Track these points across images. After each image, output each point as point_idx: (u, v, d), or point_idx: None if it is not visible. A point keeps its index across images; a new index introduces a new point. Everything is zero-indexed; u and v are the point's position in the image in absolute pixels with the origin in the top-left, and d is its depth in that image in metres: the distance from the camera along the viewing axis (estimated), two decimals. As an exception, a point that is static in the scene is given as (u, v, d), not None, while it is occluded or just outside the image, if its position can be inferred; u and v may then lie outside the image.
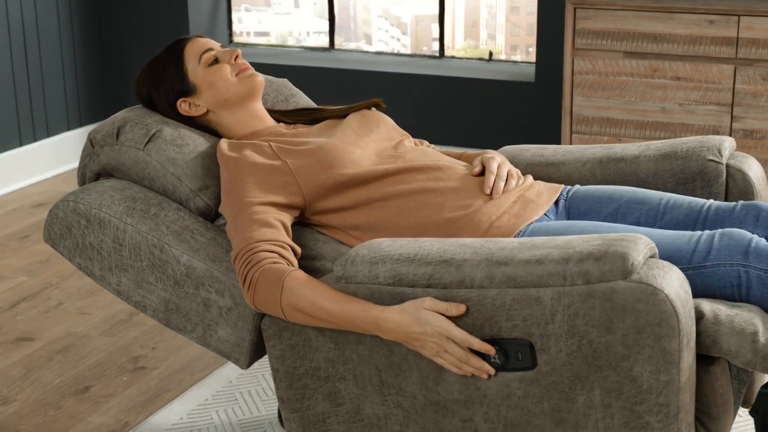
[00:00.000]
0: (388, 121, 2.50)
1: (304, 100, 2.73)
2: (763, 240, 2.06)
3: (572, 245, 1.94)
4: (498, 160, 2.37)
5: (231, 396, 2.99)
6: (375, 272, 2.03)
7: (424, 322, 1.97)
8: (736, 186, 2.44)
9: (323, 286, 2.06)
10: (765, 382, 2.16)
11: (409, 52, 5.34)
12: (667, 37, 4.06)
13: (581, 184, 2.52)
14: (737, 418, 2.81)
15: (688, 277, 2.07)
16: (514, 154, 2.63)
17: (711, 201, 2.29)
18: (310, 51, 5.39)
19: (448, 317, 1.98)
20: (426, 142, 2.63)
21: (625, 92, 4.17)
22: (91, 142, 2.45)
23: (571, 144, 4.23)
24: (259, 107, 2.47)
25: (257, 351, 2.29)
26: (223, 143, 2.37)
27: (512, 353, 1.97)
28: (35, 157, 4.89)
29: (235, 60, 2.44)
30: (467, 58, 5.16)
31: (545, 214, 2.31)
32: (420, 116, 4.97)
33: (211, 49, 2.44)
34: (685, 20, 4.02)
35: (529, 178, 2.41)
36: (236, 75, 2.43)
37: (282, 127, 2.47)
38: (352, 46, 5.99)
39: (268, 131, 2.44)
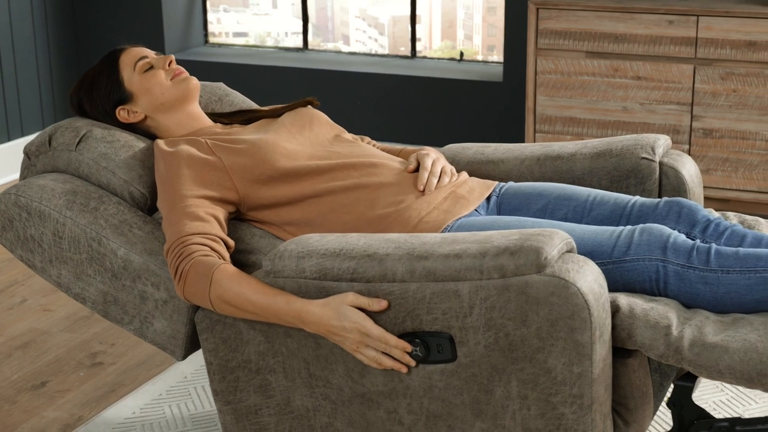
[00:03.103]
0: (322, 117, 2.54)
1: (239, 99, 2.78)
2: (682, 236, 2.10)
3: (491, 240, 1.98)
4: (433, 157, 2.40)
5: (185, 391, 3.02)
6: (302, 267, 2.07)
7: (344, 318, 2.00)
8: (670, 183, 2.48)
9: (251, 279, 2.10)
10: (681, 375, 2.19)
11: (386, 52, 5.38)
12: (627, 37, 4.10)
13: (519, 181, 2.56)
14: (661, 412, 2.84)
15: (609, 271, 2.10)
16: (456, 152, 2.67)
17: (637, 197, 2.33)
18: (284, 51, 5.42)
19: (369, 313, 2.02)
20: (367, 138, 2.67)
21: (587, 92, 4.20)
22: (27, 155, 2.50)
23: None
24: (195, 109, 2.52)
25: (192, 344, 2.33)
26: (160, 141, 2.42)
27: (433, 346, 2.00)
28: (9, 157, 4.93)
29: (169, 65, 2.50)
30: (438, 59, 5.19)
31: (476, 210, 2.34)
32: (391, 116, 5.01)
33: (145, 57, 2.50)
34: (645, 20, 4.06)
35: (464, 174, 2.44)
36: (171, 79, 2.48)
37: (218, 127, 2.52)
38: (330, 46, 6.03)
39: (204, 131, 2.49)
